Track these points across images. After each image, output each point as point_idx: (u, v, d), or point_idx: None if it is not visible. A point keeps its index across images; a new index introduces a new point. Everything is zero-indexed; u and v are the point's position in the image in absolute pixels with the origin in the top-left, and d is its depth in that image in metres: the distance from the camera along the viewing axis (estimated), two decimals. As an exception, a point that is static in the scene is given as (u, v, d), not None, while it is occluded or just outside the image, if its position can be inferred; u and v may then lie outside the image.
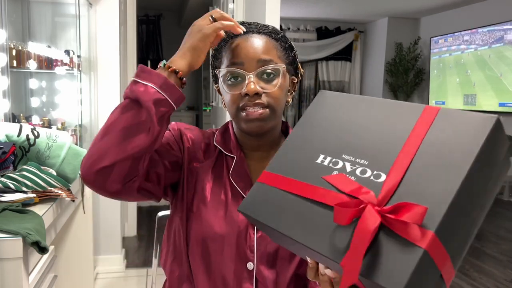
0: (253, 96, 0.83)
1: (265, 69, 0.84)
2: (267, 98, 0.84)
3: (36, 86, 2.61)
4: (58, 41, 2.66)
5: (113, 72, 2.62)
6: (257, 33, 0.87)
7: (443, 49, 5.99)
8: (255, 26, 0.89)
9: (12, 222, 1.03)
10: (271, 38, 0.88)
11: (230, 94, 0.85)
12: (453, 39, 5.77)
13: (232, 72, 0.85)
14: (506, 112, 4.94)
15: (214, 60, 0.92)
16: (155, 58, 7.54)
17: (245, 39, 0.86)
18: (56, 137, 1.47)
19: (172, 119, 0.84)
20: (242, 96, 0.84)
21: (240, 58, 0.84)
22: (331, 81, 7.19)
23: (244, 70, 0.84)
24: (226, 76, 0.86)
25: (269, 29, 0.89)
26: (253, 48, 0.85)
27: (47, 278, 1.27)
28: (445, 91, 5.96)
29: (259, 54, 0.84)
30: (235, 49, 0.85)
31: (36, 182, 1.26)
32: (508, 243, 3.43)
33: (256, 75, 0.84)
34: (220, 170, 0.90)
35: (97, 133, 0.77)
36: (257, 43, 0.85)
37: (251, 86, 0.82)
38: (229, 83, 0.86)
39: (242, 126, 0.87)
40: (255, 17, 2.84)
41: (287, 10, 6.12)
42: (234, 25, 0.82)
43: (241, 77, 0.85)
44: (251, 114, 0.84)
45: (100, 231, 2.69)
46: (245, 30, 0.86)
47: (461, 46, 5.64)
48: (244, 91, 0.83)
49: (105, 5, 2.57)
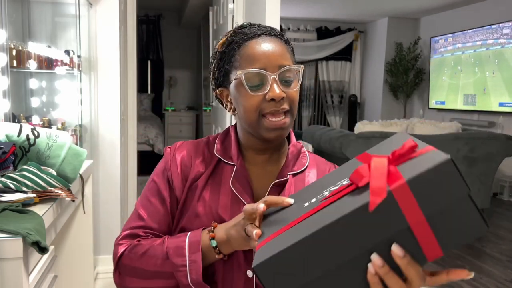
0: (279, 101, 0.82)
1: (286, 71, 0.83)
2: (288, 103, 0.84)
3: (36, 86, 2.61)
4: (58, 41, 2.66)
5: (113, 72, 2.62)
6: (269, 36, 0.86)
7: (443, 49, 5.99)
8: (264, 28, 0.88)
9: (12, 222, 1.03)
10: (283, 42, 0.87)
11: (251, 99, 0.83)
12: (453, 39, 5.77)
13: (254, 74, 0.82)
14: (506, 112, 4.94)
15: (221, 64, 0.89)
16: (155, 58, 7.55)
17: (261, 42, 0.84)
18: (56, 137, 1.47)
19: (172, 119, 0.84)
20: (266, 100, 0.82)
21: (261, 63, 0.82)
22: (331, 81, 7.19)
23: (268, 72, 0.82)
24: (247, 81, 0.82)
25: (277, 31, 0.89)
26: (272, 52, 0.83)
27: (47, 278, 1.27)
28: (445, 91, 5.96)
29: (279, 60, 0.83)
30: (253, 53, 0.84)
31: (36, 182, 1.26)
32: (508, 243, 3.43)
33: (278, 77, 0.82)
34: (219, 178, 0.89)
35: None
36: (274, 47, 0.84)
37: (276, 90, 0.81)
38: (250, 86, 0.82)
39: (262, 133, 0.85)
40: (255, 17, 2.84)
41: (287, 10, 6.12)
42: (279, 203, 0.73)
43: (263, 81, 0.82)
44: (276, 123, 0.83)
45: (100, 231, 2.69)
46: (258, 38, 0.85)
47: (461, 46, 5.64)
48: (270, 96, 0.81)
49: (105, 5, 2.57)
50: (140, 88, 6.93)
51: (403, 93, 6.55)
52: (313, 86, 7.25)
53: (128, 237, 0.87)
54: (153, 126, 6.11)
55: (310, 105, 7.31)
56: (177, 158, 0.91)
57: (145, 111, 7.14)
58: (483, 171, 3.73)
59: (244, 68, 0.83)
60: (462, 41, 5.62)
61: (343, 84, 7.22)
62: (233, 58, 0.86)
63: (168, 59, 7.62)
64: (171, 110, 7.59)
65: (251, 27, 0.88)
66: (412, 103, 6.76)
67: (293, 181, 0.89)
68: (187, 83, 8.00)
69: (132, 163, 3.37)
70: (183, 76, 7.94)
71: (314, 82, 7.25)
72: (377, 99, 6.89)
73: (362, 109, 7.31)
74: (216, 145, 0.93)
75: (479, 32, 5.32)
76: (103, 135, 2.63)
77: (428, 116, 6.25)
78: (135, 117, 3.37)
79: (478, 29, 5.32)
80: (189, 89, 8.03)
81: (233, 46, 0.86)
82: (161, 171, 0.91)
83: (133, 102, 3.34)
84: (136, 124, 3.39)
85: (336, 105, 7.24)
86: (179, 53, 7.73)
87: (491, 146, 3.70)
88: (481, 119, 5.33)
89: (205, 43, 5.73)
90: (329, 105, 7.25)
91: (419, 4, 5.69)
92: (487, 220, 0.57)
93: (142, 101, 7.15)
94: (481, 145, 3.67)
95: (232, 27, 3.16)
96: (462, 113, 5.67)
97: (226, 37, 0.89)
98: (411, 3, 5.63)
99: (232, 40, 0.87)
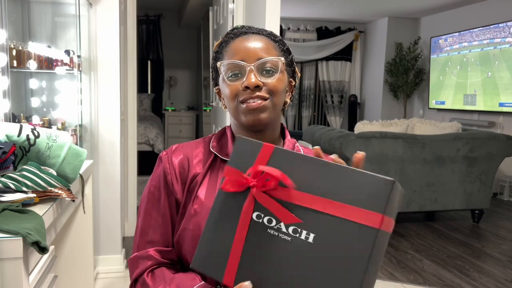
0: (253, 89, 0.84)
1: (264, 62, 0.85)
2: (267, 90, 0.85)
3: (36, 86, 2.61)
4: (58, 41, 2.66)
5: (113, 72, 2.62)
6: (257, 34, 0.89)
7: (443, 49, 5.99)
8: (255, 28, 0.91)
9: (12, 222, 1.03)
10: (270, 40, 0.90)
11: (229, 88, 0.86)
12: (453, 39, 5.77)
13: (233, 65, 0.85)
14: (506, 112, 4.94)
15: (214, 62, 0.93)
16: (155, 58, 7.54)
17: (245, 39, 0.88)
18: (56, 137, 1.47)
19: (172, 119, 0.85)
20: (242, 89, 0.84)
21: (240, 55, 0.85)
22: (331, 81, 7.19)
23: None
24: (226, 72, 0.86)
25: (268, 32, 0.92)
26: (253, 46, 0.86)
27: (47, 278, 1.27)
28: (445, 91, 5.96)
29: (259, 52, 0.86)
30: (236, 48, 0.87)
31: (36, 182, 1.26)
32: (508, 243, 3.43)
33: (256, 69, 0.85)
34: (215, 175, 0.90)
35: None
36: (256, 42, 0.87)
37: (251, 79, 0.83)
38: (229, 78, 0.86)
39: (241, 119, 0.87)
40: (255, 17, 2.84)
41: (287, 10, 6.12)
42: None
43: (241, 72, 0.85)
44: (250, 105, 0.84)
45: (100, 231, 2.69)
46: (243, 36, 0.88)
47: (461, 46, 5.64)
48: (245, 84, 0.84)
49: (105, 5, 2.57)
50: (140, 88, 6.94)
51: (403, 93, 6.55)
52: (313, 86, 7.25)
53: (140, 259, 0.89)
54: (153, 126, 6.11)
55: (310, 105, 7.30)
56: (175, 162, 0.92)
57: (145, 111, 7.14)
58: (483, 171, 3.73)
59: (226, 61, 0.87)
60: (462, 41, 5.62)
61: (343, 84, 7.22)
62: (221, 55, 0.90)
63: (168, 59, 7.62)
64: (171, 110, 7.58)
65: (243, 28, 0.91)
66: (412, 103, 6.76)
67: None
68: (187, 83, 7.99)
69: (132, 163, 3.37)
70: (183, 76, 7.94)
71: (314, 82, 7.25)
72: (377, 99, 6.89)
73: (362, 109, 7.31)
74: (212, 143, 0.95)
75: (479, 32, 5.32)
76: (103, 135, 2.63)
77: (428, 116, 6.25)
78: (135, 117, 3.37)
79: (478, 29, 5.32)
80: (189, 89, 8.03)
81: (223, 45, 0.91)
82: (158, 177, 0.93)
83: (133, 102, 3.34)
84: (136, 124, 3.39)
85: (336, 105, 7.24)
86: (179, 53, 7.73)
87: (491, 146, 3.70)
88: (481, 119, 5.33)
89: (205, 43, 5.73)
90: (329, 105, 7.25)
91: (419, 4, 5.69)
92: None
93: (142, 101, 7.15)
94: (481, 145, 3.67)
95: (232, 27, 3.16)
96: (462, 113, 5.67)
97: (221, 38, 0.93)
98: (411, 3, 5.63)
99: (223, 40, 0.91)
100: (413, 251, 3.22)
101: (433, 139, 3.58)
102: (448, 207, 3.73)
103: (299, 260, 0.59)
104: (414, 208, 3.64)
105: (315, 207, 0.59)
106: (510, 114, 4.93)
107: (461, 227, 3.83)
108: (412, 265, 2.94)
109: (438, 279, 2.74)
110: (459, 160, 3.64)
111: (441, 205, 3.70)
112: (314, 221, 0.59)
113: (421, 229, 3.73)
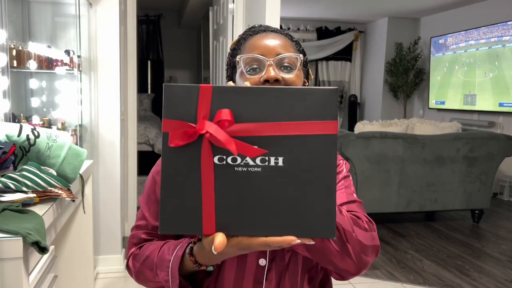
0: (273, 82, 0.84)
1: (283, 58, 0.85)
2: (285, 85, 0.85)
3: (36, 86, 2.61)
4: (58, 41, 2.66)
5: (113, 72, 2.62)
6: (275, 32, 0.90)
7: (443, 49, 5.99)
8: (271, 27, 0.93)
9: (12, 222, 1.03)
10: (288, 38, 0.91)
11: (248, 82, 0.86)
12: (453, 39, 5.77)
13: (252, 59, 0.86)
14: (506, 112, 4.95)
15: (231, 59, 0.94)
16: (155, 58, 7.54)
17: (264, 36, 0.89)
18: (56, 137, 1.47)
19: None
20: (261, 82, 0.85)
21: (259, 50, 0.86)
22: (331, 81, 7.19)
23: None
24: (245, 66, 0.87)
25: (286, 31, 0.94)
26: (272, 43, 0.87)
27: (47, 278, 1.27)
28: (445, 91, 5.96)
29: (278, 49, 0.86)
30: (255, 43, 0.88)
31: (36, 182, 1.26)
32: (508, 243, 3.43)
33: (275, 64, 0.85)
34: None
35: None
36: (275, 40, 0.88)
37: (271, 72, 0.84)
38: (248, 72, 0.87)
39: None
40: (255, 17, 2.84)
41: (287, 10, 6.12)
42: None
43: (260, 67, 0.86)
44: None
45: (100, 231, 2.69)
46: (262, 33, 0.89)
47: (461, 46, 5.64)
48: (264, 77, 0.84)
49: (105, 5, 2.57)
50: (140, 88, 6.94)
51: (403, 93, 6.55)
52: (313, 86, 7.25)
53: (135, 238, 0.93)
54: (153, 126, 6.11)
55: (310, 105, 7.31)
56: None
57: (145, 111, 7.14)
58: (483, 171, 3.73)
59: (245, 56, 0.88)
60: (462, 41, 5.62)
61: (343, 84, 7.22)
62: (239, 51, 0.91)
63: (168, 59, 7.62)
64: (171, 110, 7.57)
65: (260, 26, 0.93)
66: (412, 103, 6.76)
67: None
68: (187, 83, 7.98)
69: (132, 163, 3.37)
70: (183, 76, 7.94)
71: (314, 82, 7.25)
72: (377, 99, 6.89)
73: (362, 109, 7.31)
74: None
75: (479, 32, 5.32)
76: (103, 135, 2.63)
77: (428, 116, 6.25)
78: (135, 117, 3.37)
79: (478, 29, 5.32)
80: (189, 89, 8.02)
81: (241, 42, 0.92)
82: (149, 187, 0.95)
83: (133, 102, 3.34)
84: (136, 124, 3.39)
85: (336, 105, 7.24)
86: (179, 53, 7.73)
87: (491, 146, 3.70)
88: (481, 119, 5.34)
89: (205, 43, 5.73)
90: (329, 105, 7.25)
91: (419, 4, 5.69)
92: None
93: (142, 101, 7.15)
94: (481, 145, 3.67)
95: (232, 27, 3.16)
96: (462, 113, 5.67)
97: (238, 36, 0.95)
98: (411, 3, 5.63)
99: (241, 38, 0.93)
100: (413, 251, 3.22)
101: (433, 139, 3.58)
102: (448, 207, 3.73)
103: (274, 186, 0.61)
104: (414, 208, 3.64)
105: (275, 133, 0.61)
106: (510, 114, 4.93)
107: (461, 227, 3.83)
108: (412, 265, 2.94)
109: (438, 279, 2.74)
110: (459, 160, 3.64)
111: (441, 205, 3.70)
112: (278, 146, 0.61)
113: (421, 229, 3.73)
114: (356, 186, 3.42)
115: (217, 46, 3.88)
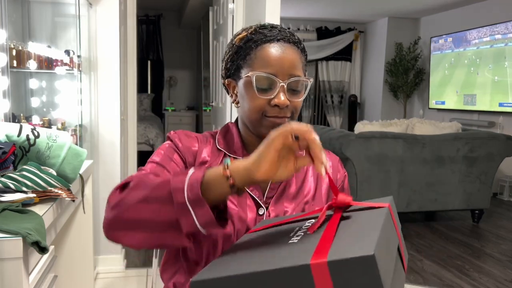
0: (282, 108, 0.85)
1: (296, 81, 0.86)
2: (291, 111, 0.88)
3: (36, 86, 2.61)
4: (58, 41, 2.66)
5: (113, 72, 2.62)
6: (288, 42, 0.88)
7: (443, 49, 5.99)
8: (284, 33, 0.89)
9: (12, 222, 1.03)
10: (298, 49, 0.89)
11: (258, 101, 0.86)
12: (453, 39, 5.77)
13: (265, 78, 0.85)
14: (506, 112, 4.94)
15: (235, 55, 0.91)
16: (155, 58, 7.55)
17: (279, 48, 0.86)
18: (56, 137, 1.47)
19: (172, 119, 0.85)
20: (271, 105, 0.85)
21: (273, 68, 0.85)
22: (331, 81, 7.19)
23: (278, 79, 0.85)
24: (256, 82, 0.85)
25: (296, 38, 0.91)
26: (287, 61, 0.86)
27: (47, 278, 1.27)
28: (445, 91, 5.96)
29: (291, 69, 0.86)
30: (268, 57, 0.86)
31: (36, 182, 1.26)
32: (508, 243, 3.43)
33: (287, 86, 0.86)
34: None
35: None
36: (289, 54, 0.86)
37: (281, 98, 0.84)
38: (258, 87, 0.85)
39: (262, 131, 0.88)
40: (255, 17, 2.84)
41: (287, 10, 6.12)
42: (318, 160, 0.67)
43: (271, 87, 0.86)
44: (276, 122, 0.86)
45: (100, 231, 2.68)
46: (276, 43, 0.87)
47: (461, 46, 5.64)
48: (275, 102, 0.85)
49: (105, 5, 2.57)
50: (140, 88, 6.93)
51: (403, 93, 6.55)
52: (313, 86, 7.25)
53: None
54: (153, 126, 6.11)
55: (310, 105, 7.31)
56: (186, 138, 0.95)
57: (145, 111, 7.14)
58: (483, 171, 3.73)
59: (257, 69, 0.86)
60: (462, 41, 5.62)
61: (343, 84, 7.22)
62: (248, 56, 0.88)
63: (168, 59, 7.62)
64: (171, 110, 7.58)
65: (272, 30, 0.89)
66: (412, 103, 6.76)
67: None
68: (187, 83, 7.99)
69: (132, 163, 3.37)
70: (183, 76, 7.94)
71: (314, 82, 7.25)
72: (377, 99, 6.89)
73: (362, 109, 7.31)
74: (218, 140, 0.96)
75: (479, 32, 5.32)
76: (103, 135, 2.63)
77: (428, 116, 6.25)
78: (135, 117, 3.37)
79: (478, 29, 5.32)
80: (189, 89, 8.03)
81: (250, 44, 0.88)
82: (167, 147, 0.93)
83: (133, 102, 3.34)
84: (136, 124, 3.39)
85: (336, 105, 7.24)
86: (179, 53, 7.73)
87: (491, 146, 3.70)
88: (481, 119, 5.33)
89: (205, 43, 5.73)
90: (329, 105, 7.25)
91: (419, 4, 5.69)
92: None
93: (142, 101, 7.15)
94: (481, 145, 3.67)
95: (232, 27, 3.16)
96: (462, 113, 5.67)
97: (246, 33, 0.91)
98: (411, 3, 5.63)
99: (251, 38, 0.89)
100: (413, 251, 3.22)
101: (433, 139, 3.58)
102: (448, 207, 3.73)
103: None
104: (414, 208, 3.64)
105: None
106: (510, 114, 4.93)
107: (461, 227, 3.83)
108: (412, 265, 2.94)
109: (438, 279, 2.74)
110: (459, 160, 3.64)
111: (441, 205, 3.70)
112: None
113: (421, 229, 3.73)
114: (356, 186, 3.42)
115: (217, 46, 3.88)
